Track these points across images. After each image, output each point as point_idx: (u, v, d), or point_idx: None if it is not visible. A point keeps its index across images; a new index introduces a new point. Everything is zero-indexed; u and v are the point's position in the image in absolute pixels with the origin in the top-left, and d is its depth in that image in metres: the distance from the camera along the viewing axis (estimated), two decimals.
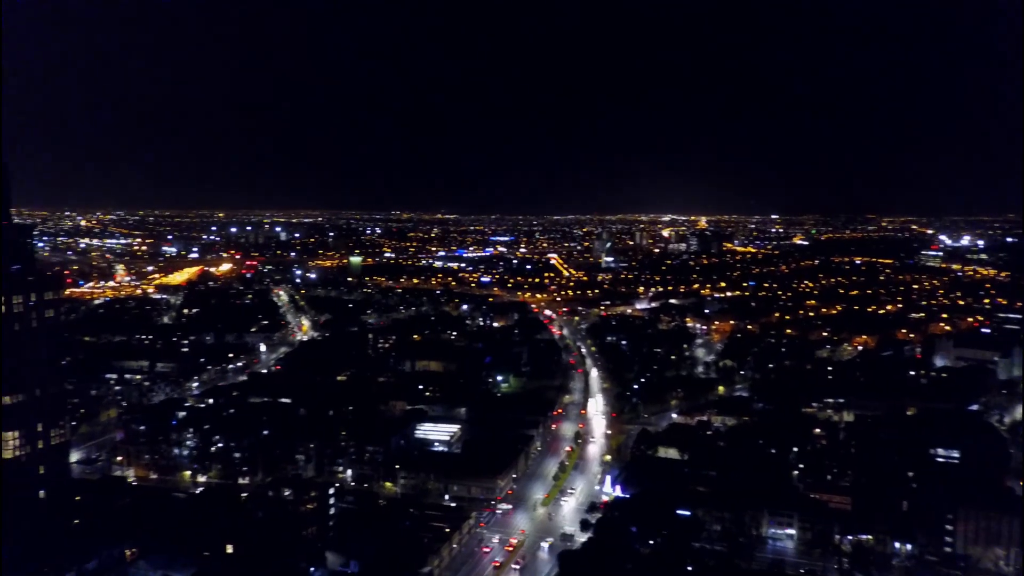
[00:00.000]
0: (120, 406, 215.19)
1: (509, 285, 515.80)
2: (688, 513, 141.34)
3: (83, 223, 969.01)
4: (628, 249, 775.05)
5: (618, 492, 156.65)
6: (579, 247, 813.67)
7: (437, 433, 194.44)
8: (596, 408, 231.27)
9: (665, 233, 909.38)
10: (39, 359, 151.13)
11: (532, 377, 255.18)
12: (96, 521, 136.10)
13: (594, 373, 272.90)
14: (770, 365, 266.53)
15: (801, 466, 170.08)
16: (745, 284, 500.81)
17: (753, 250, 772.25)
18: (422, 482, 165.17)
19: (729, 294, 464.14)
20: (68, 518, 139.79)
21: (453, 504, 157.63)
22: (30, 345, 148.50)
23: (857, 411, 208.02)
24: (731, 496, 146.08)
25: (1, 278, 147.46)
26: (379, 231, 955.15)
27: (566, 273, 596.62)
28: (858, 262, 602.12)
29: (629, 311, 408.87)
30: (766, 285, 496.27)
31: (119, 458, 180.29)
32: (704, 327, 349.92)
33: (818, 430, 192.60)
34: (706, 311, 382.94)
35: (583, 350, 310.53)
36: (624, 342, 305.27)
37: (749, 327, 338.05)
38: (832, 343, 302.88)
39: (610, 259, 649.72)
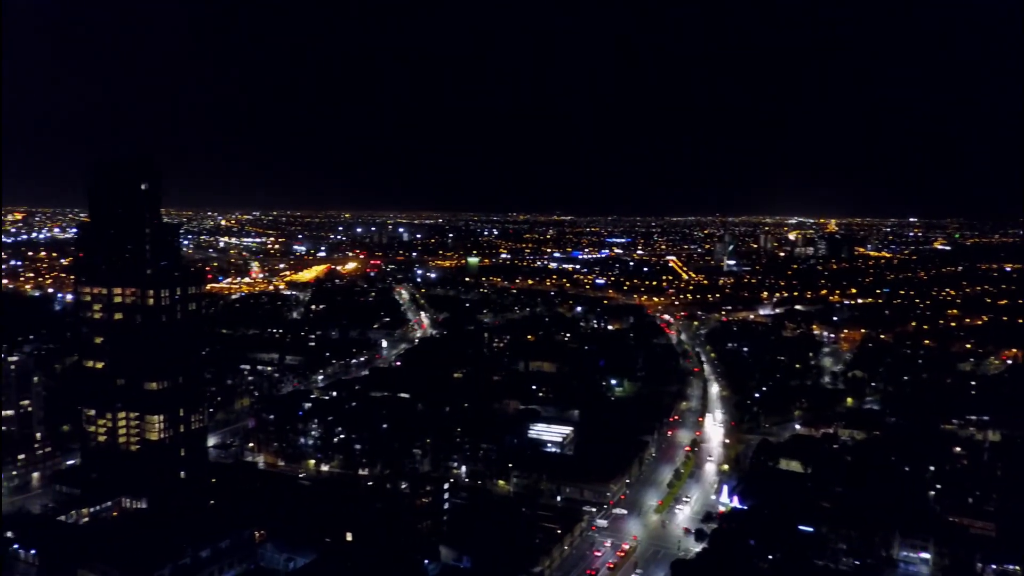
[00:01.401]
0: (252, 395, 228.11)
1: (625, 288, 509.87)
2: (811, 529, 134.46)
3: (223, 223, 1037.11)
4: (751, 252, 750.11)
5: (735, 503, 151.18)
6: (699, 250, 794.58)
7: (550, 434, 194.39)
8: (714, 416, 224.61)
9: (791, 236, 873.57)
10: (182, 349, 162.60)
11: (647, 382, 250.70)
12: (229, 503, 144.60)
13: (712, 380, 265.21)
14: (905, 377, 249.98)
15: (938, 486, 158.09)
16: (878, 291, 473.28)
17: (888, 255, 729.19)
18: (534, 482, 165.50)
19: (860, 301, 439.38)
20: (204, 498, 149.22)
21: (565, 506, 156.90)
22: (174, 336, 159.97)
23: (1004, 430, 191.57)
24: (859, 514, 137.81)
25: (153, 273, 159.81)
26: (496, 232, 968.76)
27: (685, 276, 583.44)
28: (1008, 269, 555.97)
29: (751, 317, 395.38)
30: (902, 292, 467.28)
31: (250, 445, 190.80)
32: (832, 335, 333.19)
33: (958, 449, 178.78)
34: (834, 319, 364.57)
35: (701, 356, 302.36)
36: (745, 349, 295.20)
37: (882, 336, 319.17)
38: (976, 356, 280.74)
39: (732, 262, 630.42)
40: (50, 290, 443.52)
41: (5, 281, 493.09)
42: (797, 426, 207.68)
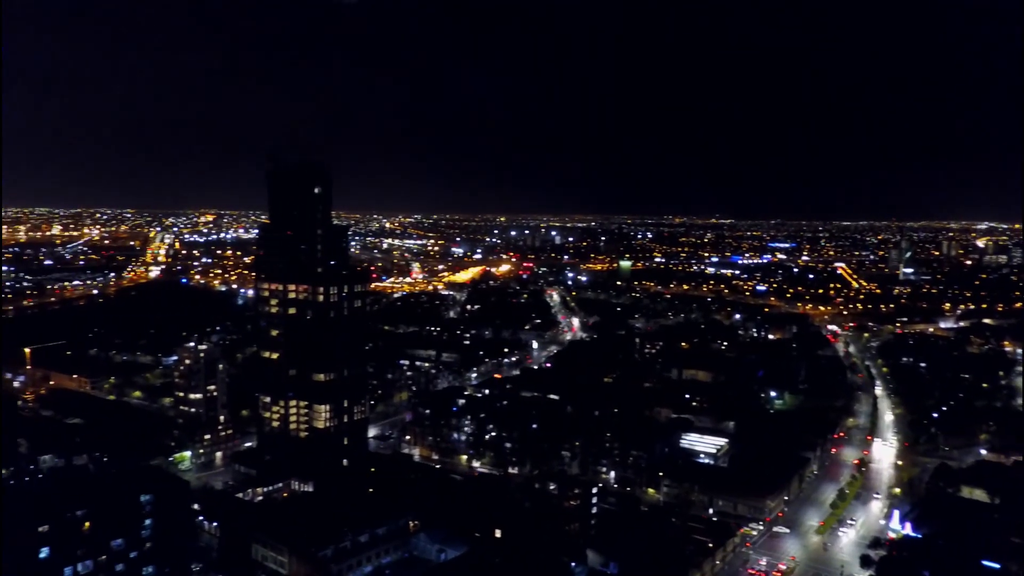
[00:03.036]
0: (410, 390, 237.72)
1: (788, 295, 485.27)
2: (997, 566, 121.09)
3: (387, 225, 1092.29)
4: (932, 260, 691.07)
5: (908, 530, 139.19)
6: (872, 256, 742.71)
7: (703, 444, 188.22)
8: (884, 435, 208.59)
9: (980, 243, 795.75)
10: (347, 343, 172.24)
11: (810, 395, 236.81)
12: (386, 492, 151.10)
13: (884, 397, 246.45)
14: None
15: None
16: None
17: None
18: (686, 492, 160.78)
19: None
20: (364, 486, 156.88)
21: (717, 519, 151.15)
22: (341, 331, 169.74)
23: None
24: None
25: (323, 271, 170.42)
26: (650, 236, 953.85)
27: (855, 284, 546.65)
28: None
29: (931, 330, 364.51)
30: None
31: (407, 437, 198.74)
32: None
33: None
34: None
35: (872, 370, 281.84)
36: (923, 364, 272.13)
37: None
38: None
39: (909, 270, 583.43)
40: (234, 286, 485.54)
41: (197, 277, 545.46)
42: (983, 451, 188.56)
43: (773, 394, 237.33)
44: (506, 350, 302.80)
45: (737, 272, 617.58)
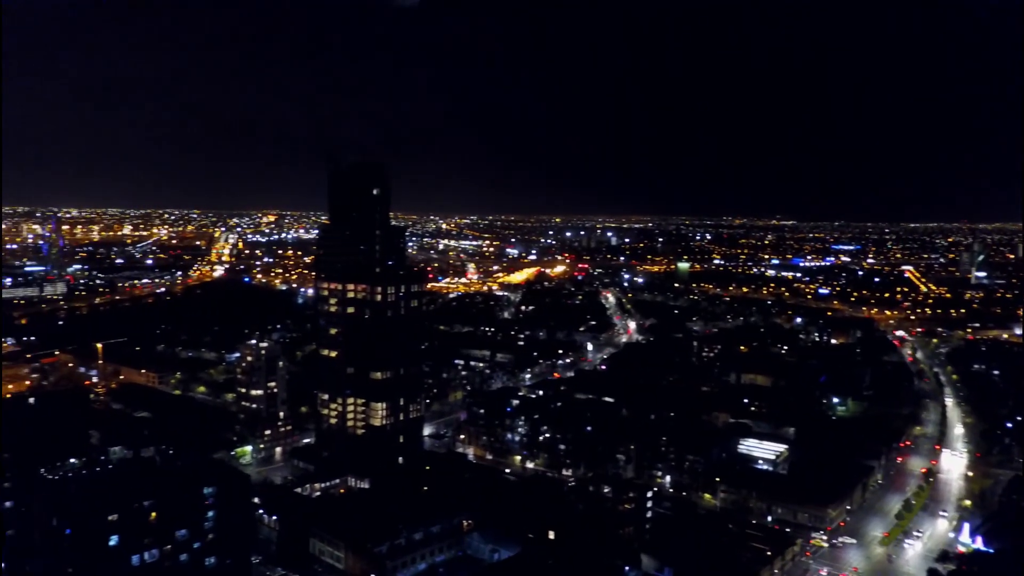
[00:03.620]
0: (465, 390, 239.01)
1: (852, 299, 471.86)
2: None
3: (444, 226, 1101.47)
4: (1007, 264, 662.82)
5: (979, 544, 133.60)
6: (942, 259, 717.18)
7: (761, 450, 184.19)
8: (953, 445, 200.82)
9: None
10: (404, 343, 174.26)
11: (875, 402, 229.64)
12: (440, 490, 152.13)
13: (953, 405, 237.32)
14: None
15: None
16: None
17: None
18: (743, 499, 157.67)
19: None
20: (419, 484, 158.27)
21: (776, 527, 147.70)
22: (397, 330, 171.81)
23: None
24: None
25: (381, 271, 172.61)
26: (709, 237, 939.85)
27: (923, 288, 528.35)
28: None
29: (1005, 336, 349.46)
30: None
31: (461, 436, 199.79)
32: None
33: None
34: None
35: (941, 377, 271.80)
36: (996, 372, 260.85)
37: None
38: None
39: (982, 274, 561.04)
40: (294, 285, 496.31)
41: (259, 276, 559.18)
42: None
43: (835, 400, 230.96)
44: (560, 351, 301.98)
45: (799, 275, 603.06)
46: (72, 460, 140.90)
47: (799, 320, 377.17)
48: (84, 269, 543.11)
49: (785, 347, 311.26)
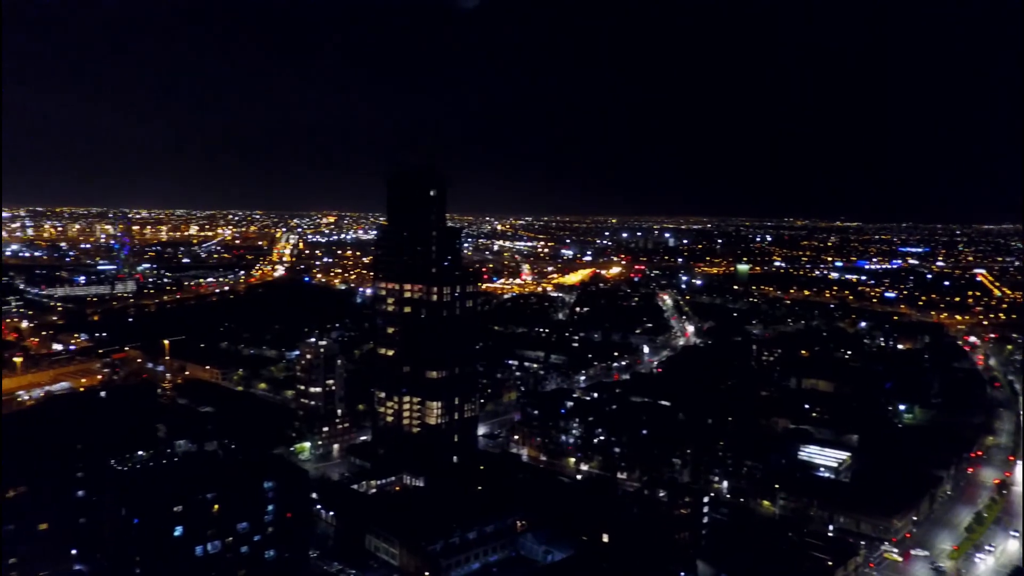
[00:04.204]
0: (519, 390, 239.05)
1: (920, 303, 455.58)
2: None
3: (499, 227, 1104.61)
4: None
5: None
6: (1017, 262, 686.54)
7: (823, 457, 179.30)
8: None
9: None
10: (459, 342, 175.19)
11: (944, 410, 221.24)
12: (494, 490, 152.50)
13: None
14: None
15: None
16: None
17: None
18: (803, 507, 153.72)
19: None
20: (473, 483, 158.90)
21: (837, 536, 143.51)
22: (453, 330, 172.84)
23: None
24: None
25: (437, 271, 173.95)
26: (769, 239, 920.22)
27: (997, 293, 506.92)
28: None
29: None
30: None
31: (515, 437, 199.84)
32: None
33: None
34: None
35: (1015, 385, 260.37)
36: None
37: None
38: None
39: None
40: (353, 284, 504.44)
41: (319, 275, 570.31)
42: None
43: (902, 407, 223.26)
44: (616, 354, 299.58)
45: (863, 278, 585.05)
46: (140, 452, 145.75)
47: (864, 324, 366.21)
48: (152, 268, 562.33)
49: (849, 352, 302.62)
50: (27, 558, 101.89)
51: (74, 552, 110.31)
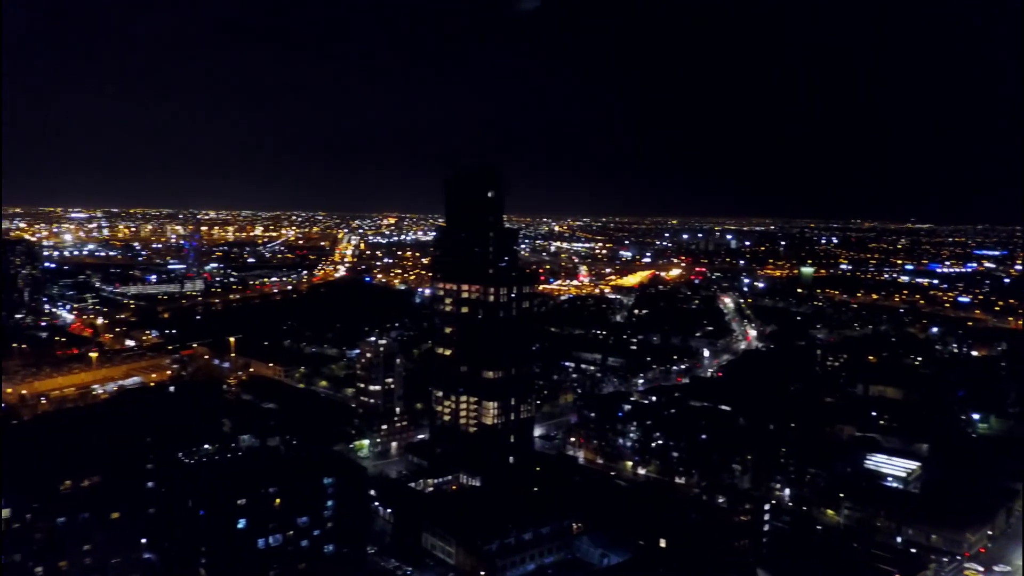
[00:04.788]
0: (575, 392, 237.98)
1: (996, 308, 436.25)
2: None
3: (556, 228, 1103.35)
4: None
5: None
6: None
7: (891, 467, 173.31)
8: None
9: None
10: (515, 343, 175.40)
11: (1021, 420, 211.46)
12: (550, 492, 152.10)
13: None
14: None
15: None
16: None
17: None
18: (869, 517, 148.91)
19: None
20: (529, 484, 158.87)
21: (905, 549, 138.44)
22: (509, 330, 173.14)
23: None
24: None
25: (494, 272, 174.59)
26: (835, 241, 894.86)
27: None
28: None
29: None
30: None
31: (572, 439, 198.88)
32: None
33: None
34: None
35: None
36: None
37: None
38: None
39: None
40: (412, 285, 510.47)
41: (379, 275, 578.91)
42: None
43: (975, 416, 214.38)
44: (675, 357, 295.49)
45: (936, 281, 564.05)
46: (206, 446, 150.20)
47: (935, 330, 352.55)
48: (219, 267, 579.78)
49: (919, 358, 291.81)
50: (100, 546, 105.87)
51: (144, 541, 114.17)
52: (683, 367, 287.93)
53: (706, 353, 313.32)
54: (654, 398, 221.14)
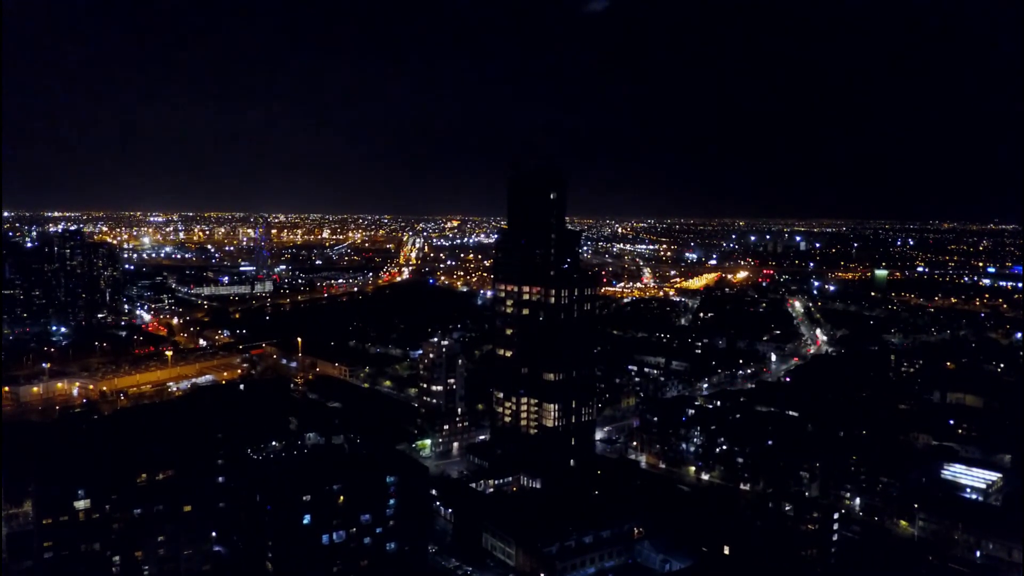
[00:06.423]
0: (638, 396, 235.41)
1: None
2: None
3: (619, 230, 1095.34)
4: None
5: None
6: None
7: (970, 477, 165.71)
8: None
9: None
10: (576, 345, 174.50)
11: None
12: (611, 496, 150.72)
13: None
14: None
15: None
16: None
17: None
18: (946, 529, 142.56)
19: None
20: (590, 487, 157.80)
21: (985, 563, 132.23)
22: (570, 332, 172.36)
23: None
24: None
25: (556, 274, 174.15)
26: (911, 242, 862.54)
27: None
28: None
29: None
30: None
31: (634, 443, 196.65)
32: None
33: None
34: None
35: None
36: None
37: None
38: None
39: None
40: (474, 287, 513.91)
41: (443, 278, 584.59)
42: None
43: None
44: (741, 361, 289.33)
45: (1020, 285, 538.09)
46: (274, 443, 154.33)
47: (1019, 335, 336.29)
48: (288, 269, 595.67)
49: (1001, 365, 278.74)
50: (173, 537, 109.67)
51: (213, 535, 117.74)
52: (749, 371, 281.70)
53: (773, 358, 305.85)
54: (719, 403, 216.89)
